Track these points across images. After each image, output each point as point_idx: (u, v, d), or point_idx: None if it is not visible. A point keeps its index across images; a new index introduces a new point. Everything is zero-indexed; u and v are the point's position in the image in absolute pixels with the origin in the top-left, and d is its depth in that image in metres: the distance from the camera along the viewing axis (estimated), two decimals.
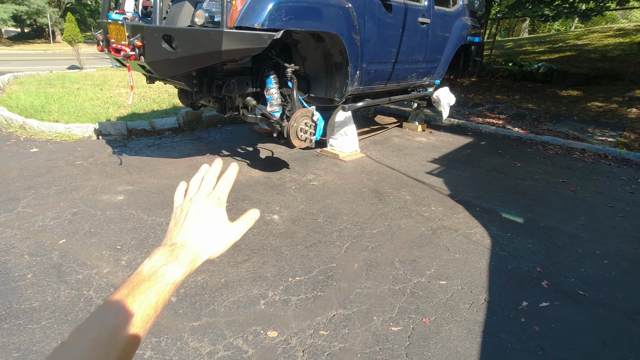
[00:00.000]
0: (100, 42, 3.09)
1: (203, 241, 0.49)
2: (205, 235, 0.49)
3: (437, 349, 1.76)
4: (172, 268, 0.45)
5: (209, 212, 0.51)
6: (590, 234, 2.91)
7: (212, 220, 0.50)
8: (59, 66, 10.77)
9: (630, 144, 5.24)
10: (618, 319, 2.02)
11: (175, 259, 0.46)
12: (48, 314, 1.82)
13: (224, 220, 0.51)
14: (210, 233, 0.50)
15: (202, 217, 0.50)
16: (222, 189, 0.53)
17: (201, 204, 0.51)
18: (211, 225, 0.50)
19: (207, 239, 0.49)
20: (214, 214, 0.51)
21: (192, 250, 0.48)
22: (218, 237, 0.50)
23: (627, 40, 11.83)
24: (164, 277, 0.44)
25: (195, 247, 0.48)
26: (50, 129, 4.38)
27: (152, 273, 0.44)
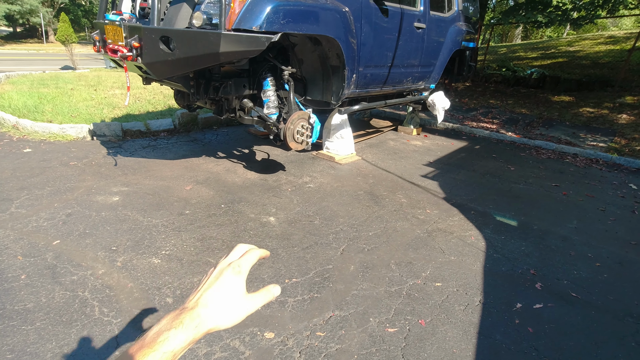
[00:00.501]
0: (96, 43, 3.07)
1: (213, 307, 0.47)
2: (217, 301, 0.48)
3: (432, 350, 1.77)
4: (173, 334, 0.43)
5: (226, 279, 0.49)
6: (583, 237, 2.95)
7: (228, 288, 0.49)
8: (52, 66, 10.68)
9: (621, 149, 5.33)
10: (610, 320, 2.05)
11: (180, 324, 0.44)
12: (42, 315, 1.80)
13: (240, 289, 0.50)
14: (223, 300, 0.48)
15: (219, 283, 0.49)
16: (245, 258, 0.52)
17: (221, 270, 0.51)
18: (225, 293, 0.48)
19: (218, 306, 0.47)
20: (231, 281, 0.49)
21: (200, 314, 0.46)
22: (230, 306, 0.48)
23: (618, 48, 12.07)
24: (162, 345, 0.42)
25: (203, 312, 0.46)
26: (43, 129, 4.34)
27: (153, 338, 0.42)
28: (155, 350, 0.41)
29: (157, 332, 0.43)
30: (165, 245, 2.43)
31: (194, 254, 2.38)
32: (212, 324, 0.46)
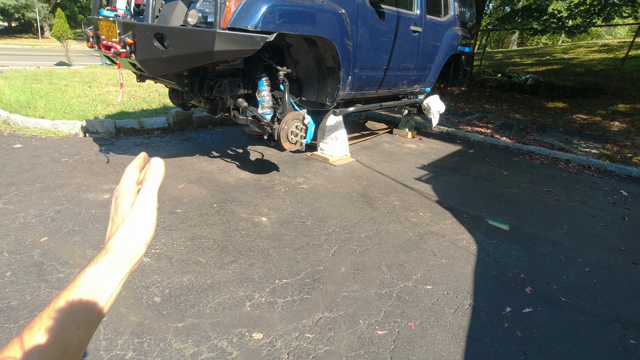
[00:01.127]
0: (90, 39, 3.05)
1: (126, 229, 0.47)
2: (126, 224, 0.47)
3: (421, 352, 1.77)
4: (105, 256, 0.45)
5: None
6: (573, 242, 2.97)
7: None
8: (47, 62, 10.58)
9: (613, 156, 5.38)
10: (598, 325, 2.07)
11: (105, 252, 0.46)
12: (26, 313, 1.77)
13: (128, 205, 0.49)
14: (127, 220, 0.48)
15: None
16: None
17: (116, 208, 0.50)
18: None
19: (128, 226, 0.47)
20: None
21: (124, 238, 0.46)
22: (136, 220, 0.48)
23: (611, 56, 12.22)
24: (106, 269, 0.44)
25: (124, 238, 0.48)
26: (35, 125, 4.29)
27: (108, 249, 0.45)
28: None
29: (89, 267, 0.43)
30: (155, 244, 2.41)
31: (184, 253, 2.36)
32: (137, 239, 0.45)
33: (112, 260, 0.43)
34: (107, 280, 0.42)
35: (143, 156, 0.54)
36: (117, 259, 0.43)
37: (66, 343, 0.38)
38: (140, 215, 0.46)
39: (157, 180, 0.50)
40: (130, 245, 0.44)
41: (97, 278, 0.41)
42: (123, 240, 0.44)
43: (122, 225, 0.45)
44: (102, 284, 0.41)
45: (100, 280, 0.41)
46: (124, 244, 0.44)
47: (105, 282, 0.42)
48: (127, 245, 0.44)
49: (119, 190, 0.49)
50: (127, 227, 0.45)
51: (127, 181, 0.50)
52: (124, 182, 0.50)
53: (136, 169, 0.52)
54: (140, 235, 0.45)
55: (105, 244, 0.44)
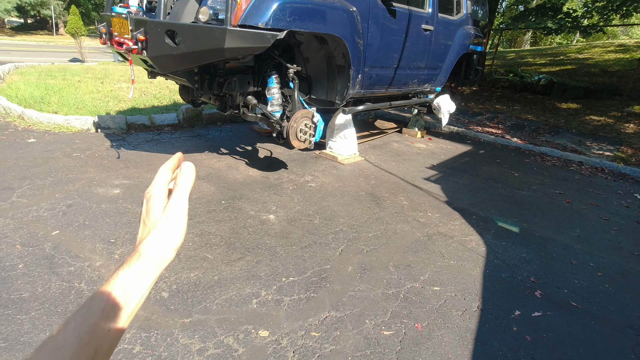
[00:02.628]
0: (103, 35, 3.08)
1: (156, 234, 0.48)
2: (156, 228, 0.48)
3: (428, 354, 1.75)
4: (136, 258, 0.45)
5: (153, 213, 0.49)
6: (585, 246, 2.91)
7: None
8: (61, 58, 10.74)
9: (627, 158, 5.27)
10: (609, 331, 2.02)
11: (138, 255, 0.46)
12: (38, 305, 1.80)
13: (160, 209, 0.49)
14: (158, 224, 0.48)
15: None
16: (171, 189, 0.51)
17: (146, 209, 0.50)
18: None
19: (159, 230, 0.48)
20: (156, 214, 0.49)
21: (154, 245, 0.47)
22: (165, 224, 0.47)
23: (628, 57, 11.95)
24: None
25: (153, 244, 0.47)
26: (48, 120, 4.36)
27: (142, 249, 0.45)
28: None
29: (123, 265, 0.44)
30: None
31: (192, 249, 2.37)
32: (161, 245, 0.46)
33: (144, 264, 0.44)
34: (138, 284, 0.43)
35: (178, 157, 0.54)
36: (149, 264, 0.44)
37: (98, 345, 0.38)
38: (171, 221, 0.47)
39: (188, 185, 0.50)
40: (162, 251, 0.45)
41: (130, 281, 0.42)
42: (155, 245, 0.45)
43: (154, 230, 0.46)
44: (133, 288, 0.42)
45: (132, 284, 0.42)
46: (156, 249, 0.45)
47: (137, 285, 0.43)
48: (159, 250, 0.45)
49: (150, 192, 0.50)
50: (159, 232, 0.46)
51: (159, 183, 0.50)
52: (156, 183, 0.50)
53: (169, 170, 0.52)
54: (172, 240, 0.46)
55: (136, 247, 0.45)
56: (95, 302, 0.40)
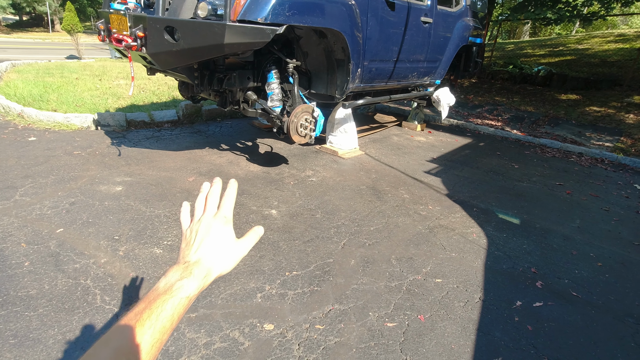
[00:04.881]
0: (101, 32, 3.07)
1: (214, 257, 0.51)
2: (215, 252, 0.52)
3: (431, 345, 1.78)
4: (186, 282, 0.47)
5: (217, 231, 0.53)
6: (585, 236, 2.94)
7: (221, 238, 0.53)
8: (58, 56, 10.69)
9: (627, 149, 5.28)
10: (610, 320, 2.05)
11: (190, 274, 0.48)
12: (45, 302, 1.82)
13: (232, 237, 0.54)
14: (220, 250, 0.52)
15: (212, 235, 0.52)
16: (227, 207, 0.56)
17: (209, 223, 0.54)
18: (220, 243, 0.52)
19: (217, 256, 0.52)
20: (222, 232, 0.53)
21: (205, 265, 0.50)
22: (227, 253, 0.53)
23: (627, 46, 11.90)
24: (179, 291, 0.46)
25: (207, 263, 0.50)
26: (48, 118, 4.35)
27: (167, 288, 0.46)
28: (173, 296, 0.45)
29: (168, 283, 0.46)
30: (167, 236, 2.45)
31: None
32: (217, 271, 0.51)
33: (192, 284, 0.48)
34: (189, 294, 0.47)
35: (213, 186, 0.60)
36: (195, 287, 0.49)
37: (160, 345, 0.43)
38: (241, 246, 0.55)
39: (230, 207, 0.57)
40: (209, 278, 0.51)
41: (189, 292, 0.47)
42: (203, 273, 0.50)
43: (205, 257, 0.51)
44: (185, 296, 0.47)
45: (186, 292, 0.47)
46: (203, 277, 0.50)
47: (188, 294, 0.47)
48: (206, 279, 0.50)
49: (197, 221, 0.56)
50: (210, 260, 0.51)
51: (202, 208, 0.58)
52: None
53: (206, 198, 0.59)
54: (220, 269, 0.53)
55: (188, 264, 0.50)
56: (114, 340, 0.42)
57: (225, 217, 0.54)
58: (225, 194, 0.57)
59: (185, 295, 0.46)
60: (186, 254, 0.51)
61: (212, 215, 0.55)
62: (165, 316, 0.43)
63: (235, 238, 0.54)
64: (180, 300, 0.45)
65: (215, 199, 0.57)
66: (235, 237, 0.54)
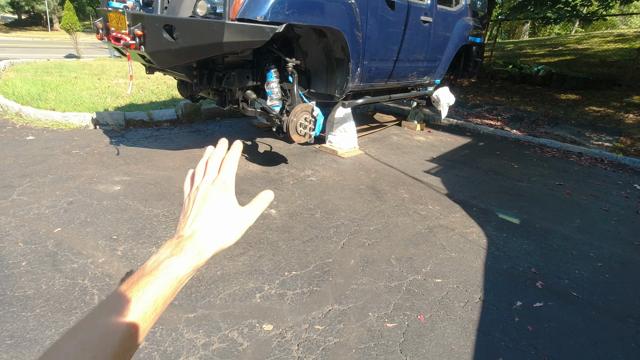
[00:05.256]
0: (99, 31, 3.05)
1: (211, 230, 0.45)
2: (213, 223, 0.45)
3: (431, 345, 1.77)
4: (175, 260, 0.41)
5: (215, 199, 0.47)
6: (585, 236, 2.93)
7: (220, 207, 0.46)
8: (56, 54, 10.66)
9: (627, 149, 5.27)
10: (610, 320, 2.04)
11: (181, 250, 0.42)
12: (42, 302, 1.81)
13: (233, 205, 0.47)
14: (219, 221, 0.46)
15: (209, 204, 0.46)
16: (226, 171, 0.49)
17: (206, 191, 0.47)
18: (219, 213, 0.46)
19: (215, 228, 0.45)
20: (221, 199, 0.47)
21: (200, 240, 0.44)
22: (228, 224, 0.46)
23: (627, 46, 11.90)
24: (165, 271, 0.40)
25: (202, 237, 0.44)
26: (46, 117, 4.33)
27: (154, 267, 0.40)
28: (158, 277, 0.39)
29: (157, 261, 0.41)
30: (166, 235, 2.43)
31: None
32: (214, 246, 0.45)
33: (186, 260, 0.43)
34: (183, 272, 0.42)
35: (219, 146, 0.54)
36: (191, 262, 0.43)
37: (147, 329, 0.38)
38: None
39: (232, 167, 0.51)
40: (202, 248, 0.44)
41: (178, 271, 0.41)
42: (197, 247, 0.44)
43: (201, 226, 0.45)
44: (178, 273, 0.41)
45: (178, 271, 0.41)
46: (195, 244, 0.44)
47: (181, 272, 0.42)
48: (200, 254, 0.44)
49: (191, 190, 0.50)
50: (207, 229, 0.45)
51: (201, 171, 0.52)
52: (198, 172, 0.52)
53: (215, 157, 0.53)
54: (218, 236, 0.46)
55: (182, 239, 0.44)
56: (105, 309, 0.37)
57: (224, 183, 0.48)
58: (225, 157, 0.51)
59: (174, 276, 0.40)
60: (181, 227, 0.45)
61: (211, 182, 0.48)
62: (146, 301, 0.37)
63: (237, 206, 0.48)
64: (166, 282, 0.39)
65: (216, 163, 0.51)
66: (237, 205, 0.48)
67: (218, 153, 0.52)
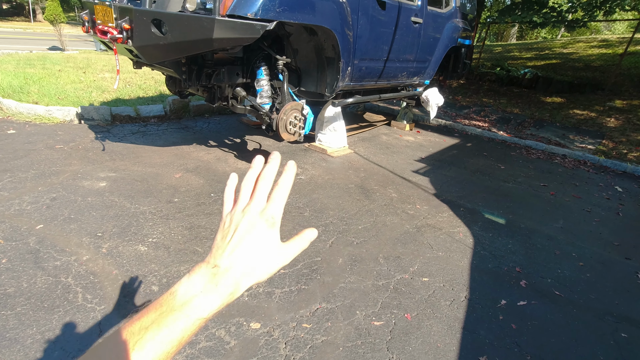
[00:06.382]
0: (85, 23, 2.98)
1: (249, 267, 0.42)
2: (252, 260, 0.42)
3: (417, 343, 1.79)
4: (207, 300, 0.38)
5: (260, 235, 0.43)
6: (568, 236, 3.00)
7: (263, 244, 0.42)
8: (40, 46, 10.38)
9: (609, 152, 5.42)
10: (590, 318, 2.10)
11: (215, 286, 0.39)
12: (23, 300, 1.76)
13: (276, 242, 0.43)
14: (258, 258, 0.42)
15: (252, 238, 0.42)
16: (277, 202, 0.44)
17: (253, 222, 0.43)
18: (261, 250, 0.42)
19: (253, 265, 0.42)
20: (265, 235, 0.43)
21: (236, 277, 0.41)
22: (266, 262, 0.43)
23: (610, 52, 12.21)
24: (196, 310, 0.38)
25: (239, 274, 0.41)
26: (29, 111, 4.22)
27: (185, 301, 0.38)
28: (188, 315, 0.37)
29: (187, 294, 0.38)
30: (152, 233, 2.40)
31: (182, 242, 2.35)
32: (248, 283, 0.42)
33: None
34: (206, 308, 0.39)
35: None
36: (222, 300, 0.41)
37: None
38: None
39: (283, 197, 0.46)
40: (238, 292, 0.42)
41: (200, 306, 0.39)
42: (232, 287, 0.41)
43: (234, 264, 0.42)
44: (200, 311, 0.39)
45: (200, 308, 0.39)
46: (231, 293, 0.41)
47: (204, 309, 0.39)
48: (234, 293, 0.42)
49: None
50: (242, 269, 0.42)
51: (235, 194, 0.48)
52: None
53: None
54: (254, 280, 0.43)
55: (217, 270, 0.41)
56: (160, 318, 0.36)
57: (272, 218, 0.43)
58: (279, 182, 0.45)
59: (203, 317, 0.38)
60: (218, 253, 0.42)
61: (260, 211, 0.43)
62: (171, 339, 0.35)
63: (279, 243, 0.44)
64: (194, 322, 0.37)
65: (267, 185, 0.46)
66: (279, 242, 0.44)
67: (270, 172, 0.47)
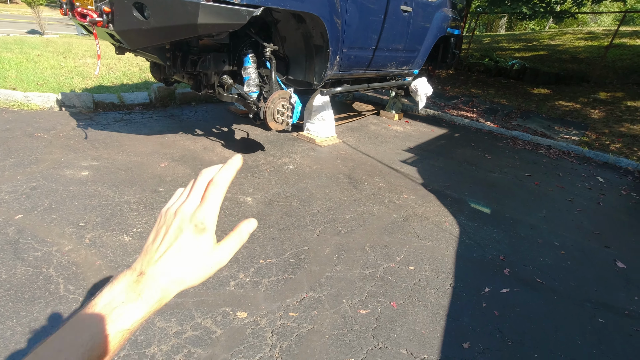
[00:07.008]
0: (63, 5, 2.86)
1: (177, 274, 0.39)
2: (181, 266, 0.39)
3: (402, 331, 1.81)
4: (129, 310, 0.36)
5: (187, 240, 0.40)
6: (550, 226, 3.07)
7: (191, 250, 0.40)
8: (17, 29, 9.99)
9: (592, 143, 5.53)
10: (570, 305, 2.16)
11: (138, 296, 0.37)
12: (2, 292, 1.72)
13: (206, 248, 0.40)
14: (187, 264, 0.39)
15: (180, 244, 0.39)
16: (209, 206, 0.41)
17: (181, 227, 0.40)
18: (190, 256, 0.39)
19: (182, 272, 0.39)
20: (193, 243, 0.40)
21: (160, 286, 0.38)
22: (198, 267, 0.40)
23: (596, 44, 12.37)
24: (118, 322, 0.35)
25: (166, 281, 0.38)
26: (6, 97, 4.07)
27: (104, 314, 0.35)
28: (105, 330, 0.35)
29: (108, 305, 0.36)
30: (137, 223, 2.36)
31: None
32: (177, 288, 0.39)
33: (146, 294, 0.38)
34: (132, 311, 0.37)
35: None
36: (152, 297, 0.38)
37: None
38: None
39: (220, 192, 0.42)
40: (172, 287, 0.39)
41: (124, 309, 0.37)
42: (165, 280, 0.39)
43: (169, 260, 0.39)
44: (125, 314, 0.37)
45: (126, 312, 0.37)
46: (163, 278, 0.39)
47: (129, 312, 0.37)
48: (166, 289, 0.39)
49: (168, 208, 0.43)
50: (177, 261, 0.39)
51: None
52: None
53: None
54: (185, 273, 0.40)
55: (142, 278, 0.38)
56: (83, 334, 0.34)
57: (202, 224, 0.40)
58: (212, 180, 0.42)
59: (126, 328, 0.36)
60: (146, 259, 0.39)
61: (189, 216, 0.40)
62: (93, 356, 0.33)
63: (212, 246, 0.41)
64: (116, 333, 0.35)
65: (203, 185, 0.42)
66: (212, 245, 0.41)
67: (211, 171, 0.43)
